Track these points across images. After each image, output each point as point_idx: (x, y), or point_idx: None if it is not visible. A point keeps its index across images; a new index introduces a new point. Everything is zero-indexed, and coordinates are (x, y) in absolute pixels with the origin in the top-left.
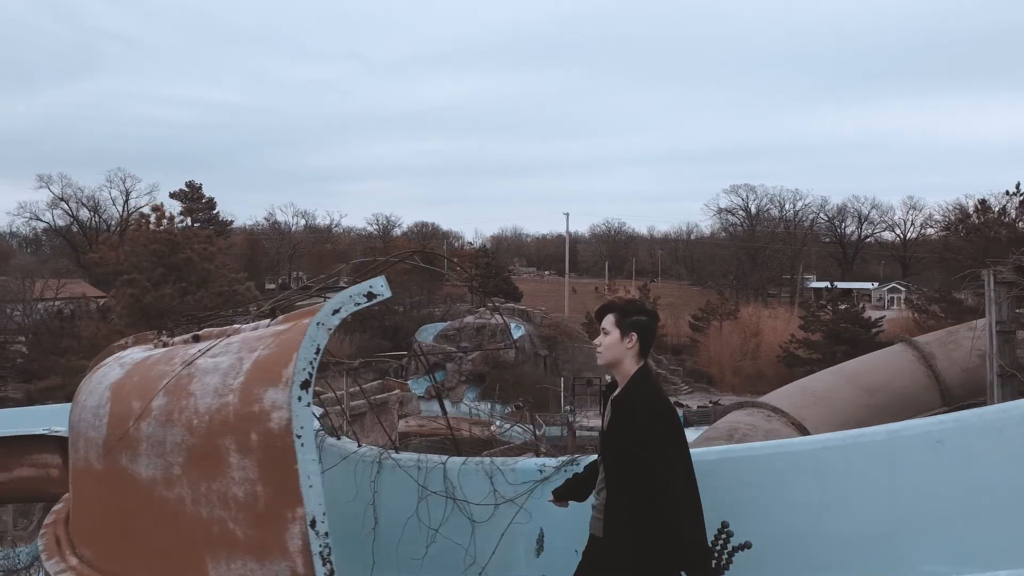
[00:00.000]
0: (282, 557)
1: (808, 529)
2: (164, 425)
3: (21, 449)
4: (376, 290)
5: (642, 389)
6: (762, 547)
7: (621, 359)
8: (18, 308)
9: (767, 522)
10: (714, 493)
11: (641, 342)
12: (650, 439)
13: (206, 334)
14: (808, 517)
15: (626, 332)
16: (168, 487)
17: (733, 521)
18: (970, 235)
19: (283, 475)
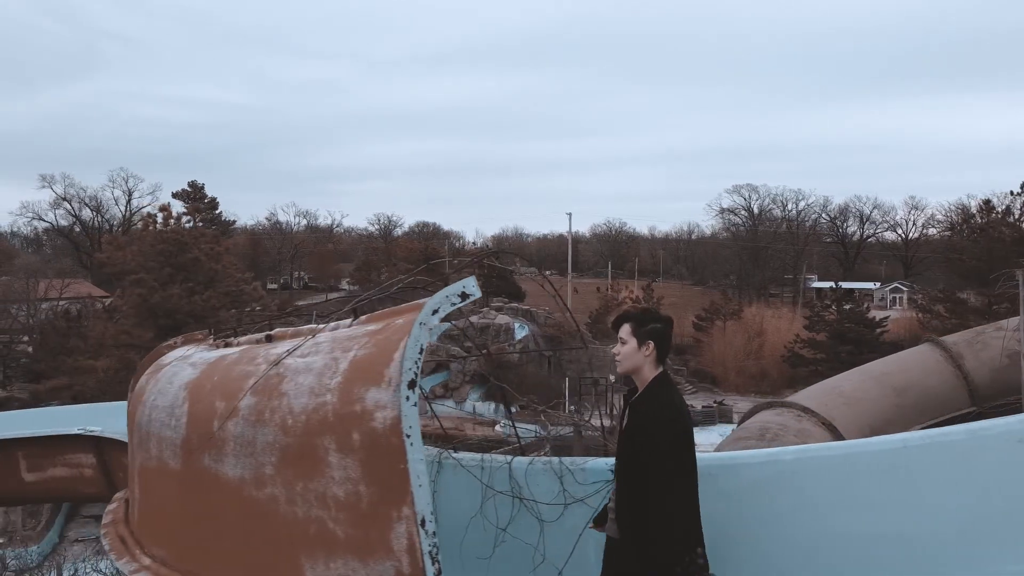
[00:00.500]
0: (387, 556)
1: (884, 528)
2: (254, 425)
3: (55, 449)
4: (468, 290)
5: (659, 394)
6: (844, 547)
7: (640, 367)
8: (22, 308)
9: (843, 521)
10: (796, 494)
11: (658, 349)
12: (658, 442)
13: (279, 334)
14: (885, 517)
15: (643, 341)
16: (259, 487)
17: (809, 522)
18: (975, 235)
19: (388, 474)
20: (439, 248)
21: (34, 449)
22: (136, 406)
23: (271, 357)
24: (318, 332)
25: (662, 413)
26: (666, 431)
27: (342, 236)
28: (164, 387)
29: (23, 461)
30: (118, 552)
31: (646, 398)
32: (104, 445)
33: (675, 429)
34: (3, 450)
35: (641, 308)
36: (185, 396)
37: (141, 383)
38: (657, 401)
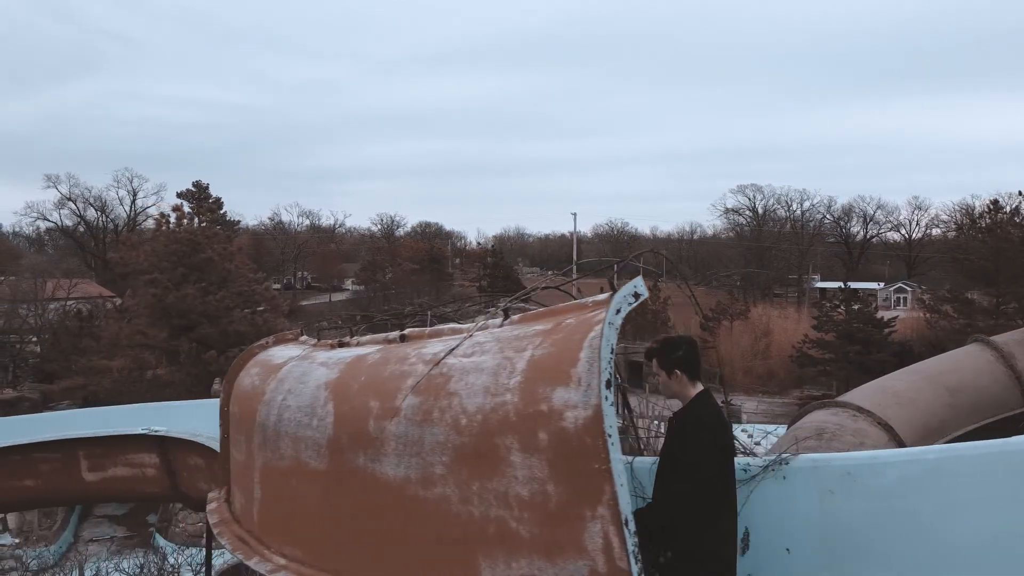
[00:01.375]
0: (579, 556)
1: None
2: (420, 425)
3: (117, 449)
4: (639, 290)
5: (696, 411)
6: (992, 547)
7: (677, 391)
8: (30, 308)
9: (991, 521)
10: (942, 493)
11: (687, 372)
12: (688, 455)
13: (416, 334)
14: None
15: (670, 371)
16: (426, 486)
17: (955, 521)
18: (982, 235)
19: (580, 474)
20: (443, 248)
21: (96, 449)
22: (250, 406)
23: (426, 357)
24: (464, 332)
25: (699, 424)
26: (700, 449)
27: (344, 236)
28: (295, 387)
29: (84, 461)
30: (244, 552)
31: (685, 413)
32: (169, 445)
33: (711, 447)
34: (65, 450)
35: (663, 339)
36: (327, 396)
37: (249, 383)
38: (695, 415)
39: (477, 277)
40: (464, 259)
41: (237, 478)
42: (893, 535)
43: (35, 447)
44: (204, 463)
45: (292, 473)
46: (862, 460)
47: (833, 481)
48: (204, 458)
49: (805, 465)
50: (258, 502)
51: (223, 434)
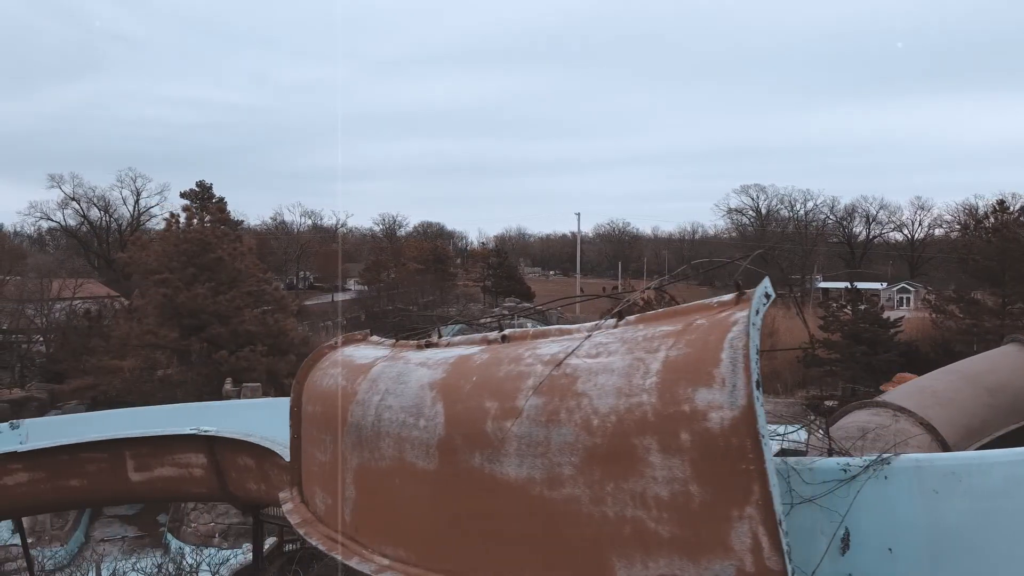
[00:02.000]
0: (724, 556)
1: None
2: (546, 425)
3: (165, 449)
4: (770, 291)
5: None
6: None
7: None
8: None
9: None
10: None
11: None
12: None
13: (518, 335)
14: None
15: None
16: (553, 487)
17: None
18: (988, 235)
19: (727, 474)
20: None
21: (143, 449)
22: (338, 406)
23: (544, 358)
24: (574, 333)
25: None
26: None
27: (346, 236)
28: (393, 387)
29: (131, 461)
30: (342, 553)
31: None
32: (218, 445)
33: None
34: (111, 450)
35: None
36: (435, 396)
37: (332, 383)
38: None
39: (481, 277)
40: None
41: (319, 478)
42: (999, 536)
43: (82, 447)
44: (255, 464)
45: (395, 473)
46: (968, 460)
47: (937, 481)
48: (255, 459)
49: (908, 465)
50: (351, 502)
51: (294, 434)
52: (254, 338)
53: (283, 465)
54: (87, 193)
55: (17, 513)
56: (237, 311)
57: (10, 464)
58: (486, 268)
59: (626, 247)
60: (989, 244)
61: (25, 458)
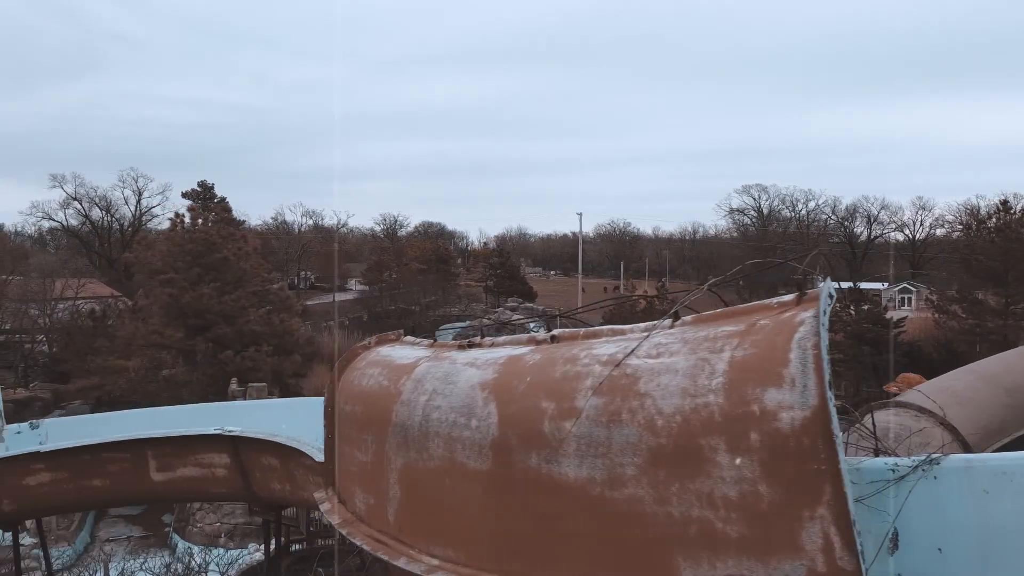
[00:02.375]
0: (796, 556)
1: None
2: (607, 426)
3: (188, 448)
4: (832, 292)
5: None
6: None
7: None
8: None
9: None
10: None
11: None
12: None
13: (568, 336)
14: None
15: None
16: (615, 487)
17: None
18: (991, 236)
19: (798, 474)
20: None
21: (165, 449)
22: (381, 406)
23: (602, 358)
24: (626, 333)
25: None
26: None
27: (347, 236)
28: (441, 387)
29: (153, 461)
30: (388, 553)
31: None
32: (242, 445)
33: None
34: (133, 450)
35: None
36: (487, 397)
37: (373, 383)
38: None
39: (483, 277)
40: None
41: (358, 478)
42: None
43: (105, 447)
44: (280, 464)
45: (444, 474)
46: (1019, 460)
47: (988, 481)
48: (280, 459)
49: (958, 465)
50: (396, 502)
51: (328, 434)
52: (259, 338)
53: (310, 465)
54: (89, 193)
55: (39, 513)
56: (242, 311)
57: (33, 464)
58: (488, 268)
59: (627, 247)
60: (992, 244)
61: (47, 458)
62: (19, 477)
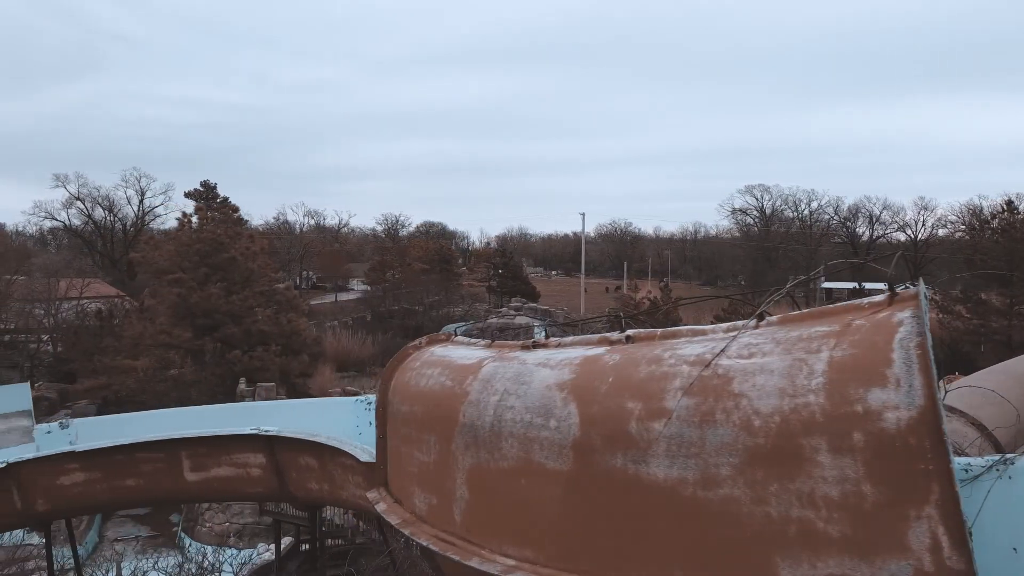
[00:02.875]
0: (901, 555)
1: None
2: (699, 426)
3: (222, 448)
4: (926, 292)
5: None
6: None
7: None
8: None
9: None
10: None
11: None
12: None
13: (644, 336)
14: None
15: None
16: (708, 487)
17: None
18: (995, 236)
19: (904, 474)
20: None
21: (200, 449)
22: (445, 405)
23: (689, 358)
24: (707, 333)
25: None
26: None
27: (347, 236)
28: (513, 388)
29: (187, 461)
30: (459, 553)
31: None
32: (277, 445)
33: None
34: (167, 450)
35: None
36: (566, 398)
37: (435, 384)
38: None
39: (486, 277)
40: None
41: (418, 478)
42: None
43: (138, 447)
44: (318, 463)
45: (519, 474)
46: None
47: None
48: (318, 458)
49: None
50: (464, 502)
51: (380, 434)
52: (267, 338)
53: (350, 465)
54: (92, 193)
55: (72, 513)
56: (249, 311)
57: (67, 464)
58: (491, 268)
59: (628, 247)
60: (996, 244)
61: (82, 458)
62: (53, 477)
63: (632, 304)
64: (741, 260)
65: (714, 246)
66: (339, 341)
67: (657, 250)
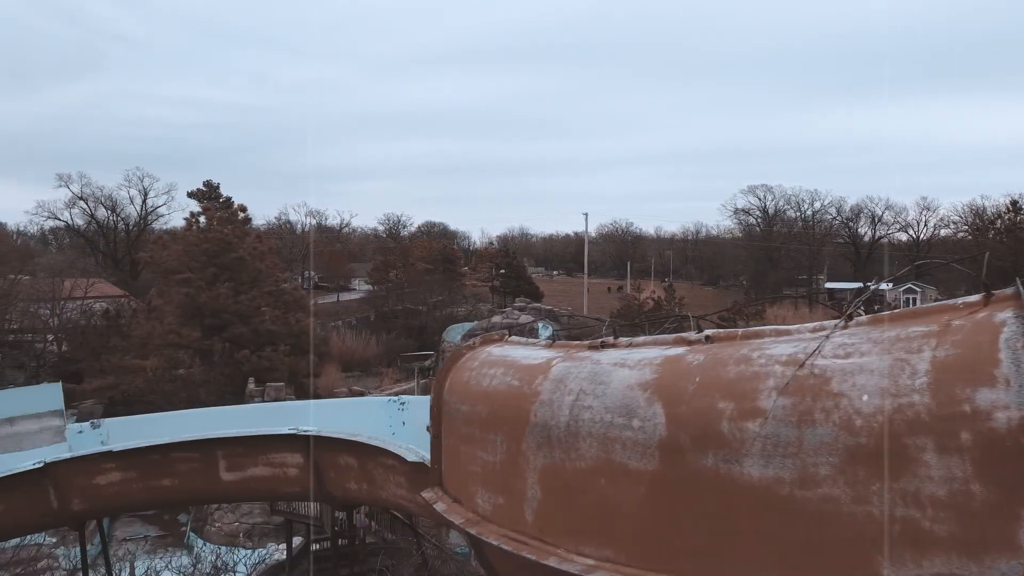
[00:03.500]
0: (1011, 554)
1: None
2: (797, 426)
3: (259, 448)
4: None
5: None
6: None
7: None
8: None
9: None
10: None
11: None
12: None
13: (725, 336)
14: None
15: None
16: (806, 487)
17: None
18: (1001, 236)
19: (1016, 473)
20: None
21: (237, 449)
22: (513, 405)
23: (780, 359)
24: (792, 333)
25: None
26: None
27: (349, 236)
28: (590, 388)
29: (223, 461)
30: (535, 553)
31: None
32: (316, 444)
33: None
34: (204, 450)
35: None
36: (649, 397)
37: (500, 384)
38: None
39: (489, 277)
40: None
41: (480, 478)
42: None
43: (175, 447)
44: (358, 463)
45: (598, 474)
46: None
47: None
48: (359, 458)
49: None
50: (536, 502)
51: (435, 434)
52: (276, 338)
53: (391, 465)
54: (95, 193)
55: (107, 512)
56: (257, 311)
57: (104, 463)
58: (494, 268)
59: (629, 247)
60: (1002, 244)
61: (118, 457)
62: (90, 476)
63: (636, 304)
64: (743, 260)
65: (716, 246)
66: (343, 341)
67: (658, 250)
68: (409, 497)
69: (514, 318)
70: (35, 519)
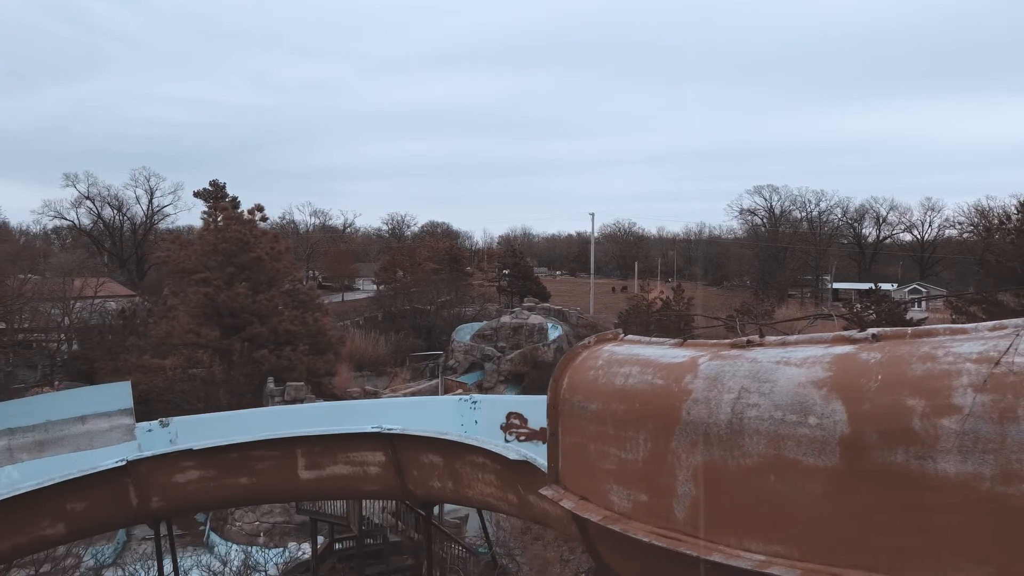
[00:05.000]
0: None
1: None
2: (998, 422)
3: (338, 447)
4: None
5: None
6: None
7: None
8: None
9: None
10: None
11: None
12: None
13: (893, 334)
14: None
15: None
16: (1009, 483)
17: None
18: (1009, 236)
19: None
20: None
21: (315, 447)
22: (660, 403)
23: (971, 356)
24: (972, 332)
25: None
26: None
27: (352, 236)
28: (753, 386)
29: (301, 459)
30: (696, 549)
31: None
32: (398, 443)
33: None
34: (282, 448)
35: None
36: (826, 395)
37: (641, 382)
38: None
39: (496, 277)
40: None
41: (615, 476)
42: None
43: (254, 445)
44: (443, 461)
45: (767, 471)
46: None
47: None
48: (444, 456)
49: None
50: (688, 499)
51: (552, 431)
52: (294, 337)
53: (480, 463)
54: (101, 192)
55: (185, 510)
56: (275, 310)
57: (183, 462)
58: (501, 268)
59: (632, 247)
60: (1010, 245)
61: (198, 456)
62: (169, 474)
63: (644, 305)
64: (748, 260)
65: (721, 246)
66: (352, 341)
67: (662, 250)
68: (499, 495)
69: (523, 318)
70: (115, 516)
